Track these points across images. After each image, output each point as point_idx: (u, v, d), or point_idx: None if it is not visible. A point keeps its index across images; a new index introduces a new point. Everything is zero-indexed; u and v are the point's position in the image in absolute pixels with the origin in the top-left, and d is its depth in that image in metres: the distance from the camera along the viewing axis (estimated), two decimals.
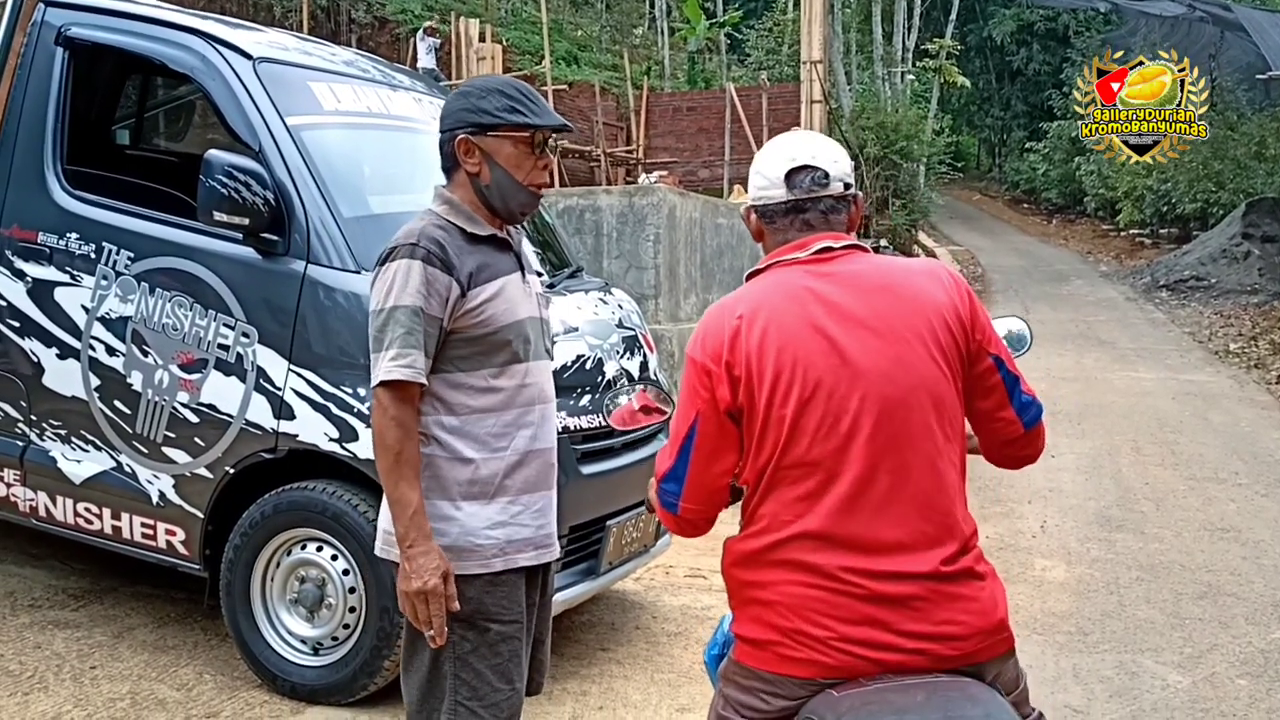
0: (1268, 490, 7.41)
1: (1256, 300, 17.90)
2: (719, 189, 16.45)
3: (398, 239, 2.31)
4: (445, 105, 2.43)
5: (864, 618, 1.85)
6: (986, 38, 35.20)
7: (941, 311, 1.97)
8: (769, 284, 2.03)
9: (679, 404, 2.07)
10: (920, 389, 1.92)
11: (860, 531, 1.87)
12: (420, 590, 2.23)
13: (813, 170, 2.05)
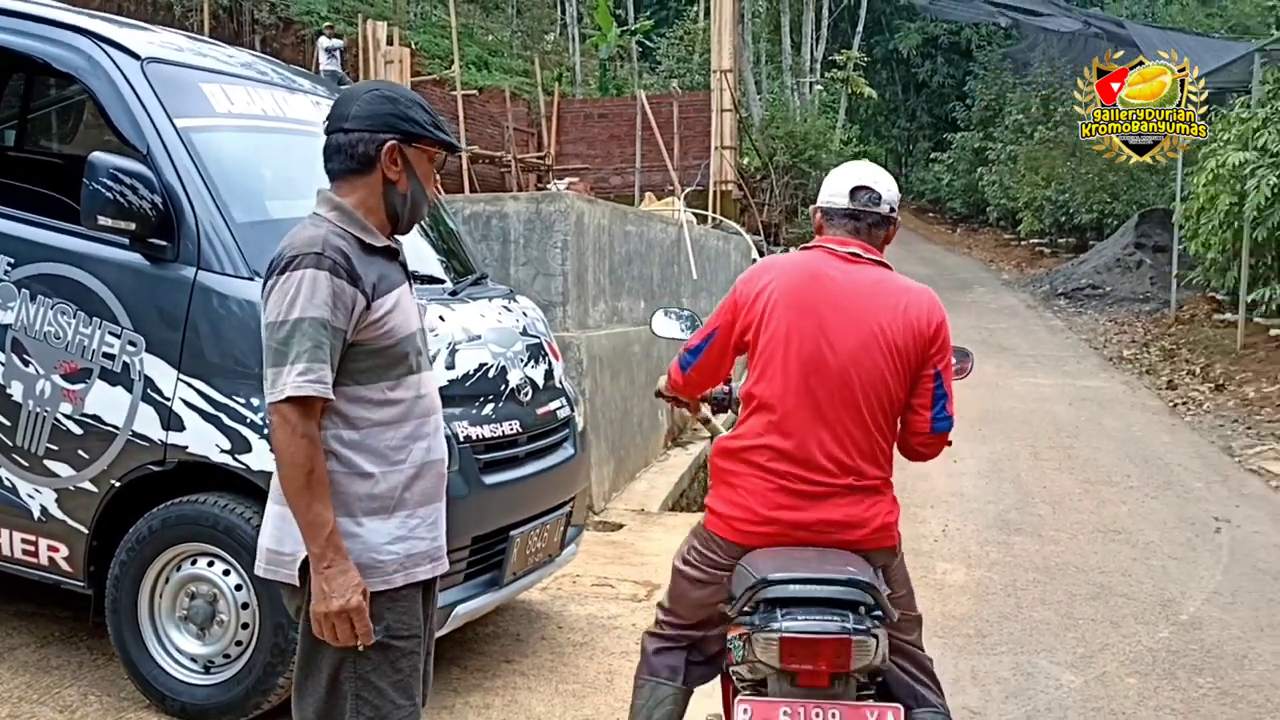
0: (1157, 492, 7.64)
1: (1148, 308, 18.50)
2: (630, 196, 16.46)
3: (297, 247, 2.23)
4: (363, 105, 2.33)
5: (793, 506, 2.68)
6: (893, 50, 35.88)
7: (911, 324, 2.73)
8: (808, 258, 2.83)
9: (716, 311, 2.93)
10: (867, 371, 2.69)
11: (802, 453, 2.68)
12: (343, 609, 2.19)
13: (870, 191, 2.84)
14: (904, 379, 2.73)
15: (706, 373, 3.01)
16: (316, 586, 2.21)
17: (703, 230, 11.46)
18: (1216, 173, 13.08)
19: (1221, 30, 29.31)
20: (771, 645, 2.46)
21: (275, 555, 2.32)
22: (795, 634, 2.44)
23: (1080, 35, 27.91)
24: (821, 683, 2.48)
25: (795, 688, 2.50)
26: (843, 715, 2.44)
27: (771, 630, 2.46)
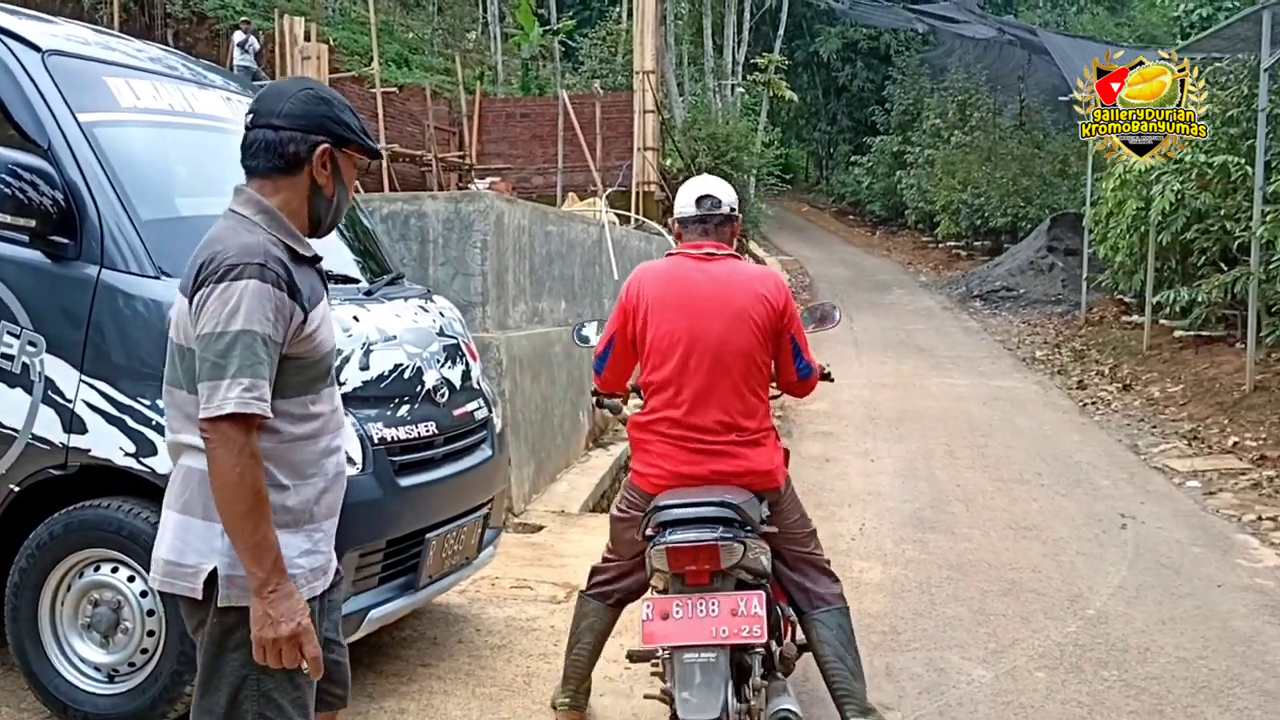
0: (1067, 490, 7.82)
1: (1060, 310, 18.95)
2: (553, 196, 16.39)
3: (235, 255, 2.15)
4: (296, 104, 2.27)
5: (692, 461, 3.44)
6: (813, 54, 36.25)
7: (766, 302, 3.50)
8: (671, 263, 3.61)
9: (610, 318, 3.66)
10: (736, 347, 3.45)
11: (694, 419, 3.44)
12: (293, 634, 2.13)
13: (712, 198, 3.64)
14: (767, 346, 3.52)
15: (619, 371, 3.73)
16: (261, 611, 2.13)
17: (625, 231, 11.47)
18: (1123, 178, 13.46)
19: (1130, 40, 30.14)
20: (662, 555, 3.22)
21: (175, 567, 2.24)
22: (676, 544, 3.21)
23: (995, 42, 28.54)
24: (704, 580, 3.24)
25: (686, 586, 3.25)
26: (719, 602, 3.19)
27: (661, 544, 3.22)
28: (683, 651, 3.16)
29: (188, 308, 2.19)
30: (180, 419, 2.26)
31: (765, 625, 3.20)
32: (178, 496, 2.26)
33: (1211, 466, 8.54)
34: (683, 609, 3.19)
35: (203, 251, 2.21)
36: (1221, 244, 12.39)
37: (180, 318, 2.23)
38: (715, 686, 3.11)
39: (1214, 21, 19.19)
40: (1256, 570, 6.01)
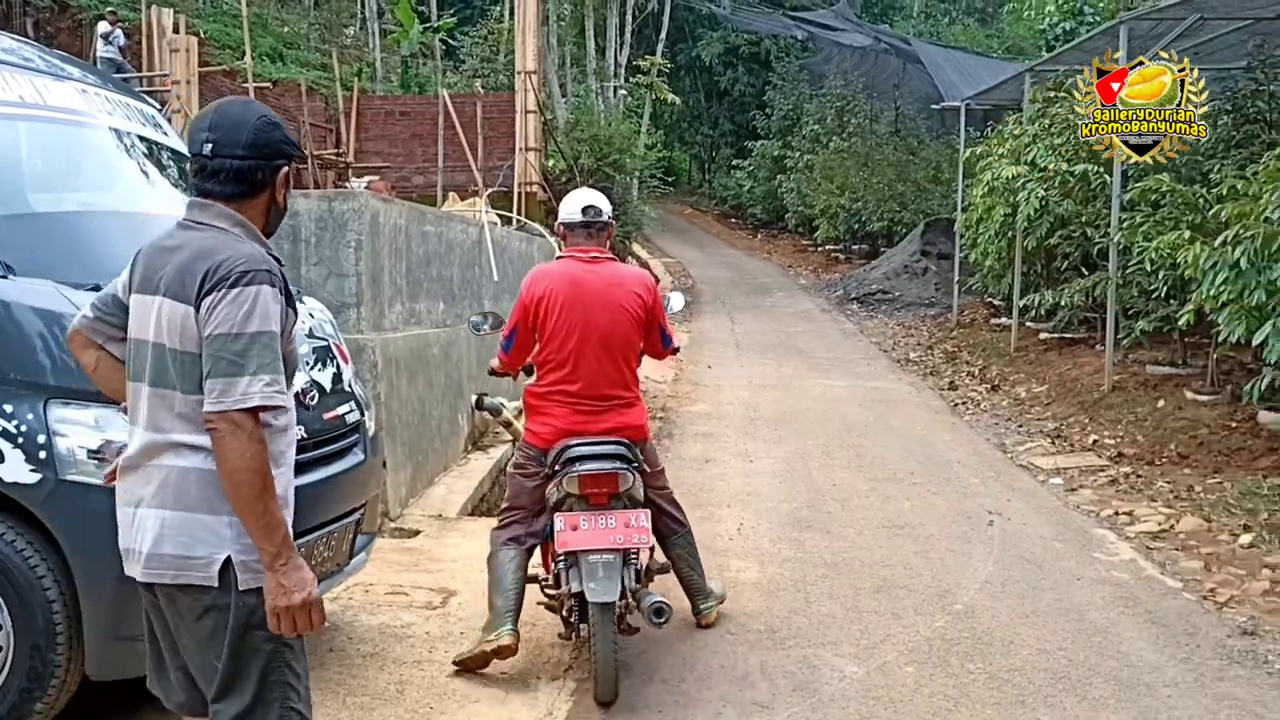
0: (938, 488, 8.02)
1: (933, 312, 19.48)
2: (433, 196, 16.19)
3: (245, 263, 2.39)
4: (256, 134, 2.50)
5: (583, 421, 4.48)
6: (696, 58, 36.55)
7: (641, 298, 4.60)
8: (564, 265, 4.61)
9: (513, 311, 4.63)
10: (619, 334, 4.53)
11: (585, 390, 4.49)
12: (305, 602, 2.37)
13: (595, 208, 4.63)
14: (640, 332, 4.63)
15: (520, 353, 4.71)
16: (275, 584, 2.36)
17: (506, 232, 11.38)
18: (992, 185, 13.89)
19: (999, 51, 31.20)
20: (574, 480, 4.29)
21: (185, 560, 2.43)
22: (588, 472, 4.30)
23: (871, 51, 29.24)
24: (603, 501, 4.33)
25: (590, 506, 4.32)
26: (616, 518, 4.29)
27: (574, 471, 4.30)
28: (589, 554, 4.21)
29: (192, 314, 2.40)
30: (171, 418, 2.45)
31: (650, 534, 4.44)
32: (175, 496, 2.45)
33: (1073, 464, 8.86)
34: (588, 522, 4.25)
35: (200, 261, 2.41)
36: (1083, 249, 12.88)
37: (168, 323, 2.43)
38: (614, 578, 4.18)
39: (1076, 35, 20.00)
40: (1113, 564, 6.25)
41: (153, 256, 2.53)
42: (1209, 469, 8.25)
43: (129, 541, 2.52)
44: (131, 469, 2.52)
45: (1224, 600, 5.60)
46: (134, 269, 2.58)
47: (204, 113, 2.59)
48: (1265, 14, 9.38)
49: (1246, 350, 9.23)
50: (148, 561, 2.46)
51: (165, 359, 2.44)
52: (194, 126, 2.56)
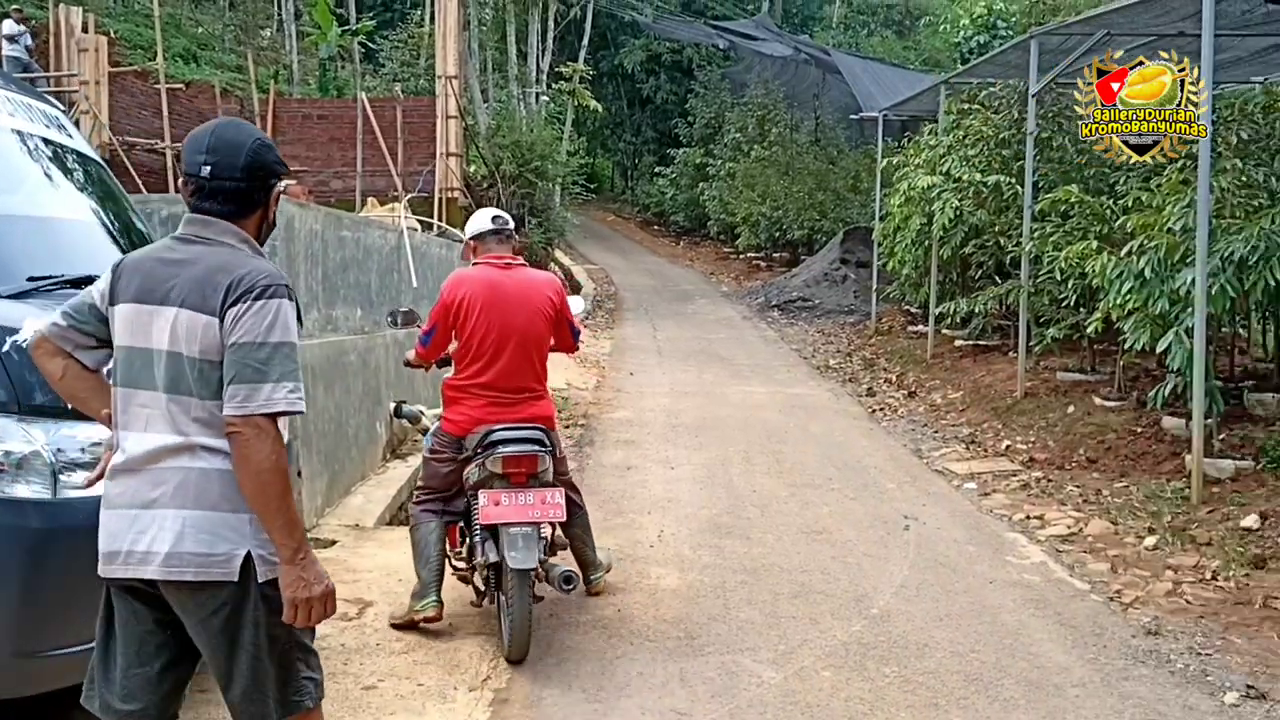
0: (856, 494, 8.12)
1: (852, 319, 19.74)
2: (351, 201, 16.02)
3: (266, 277, 2.57)
4: (252, 158, 2.66)
5: (497, 411, 4.91)
6: (618, 65, 36.61)
7: (550, 298, 5.08)
8: (482, 270, 5.03)
9: (434, 311, 5.04)
10: (533, 332, 5.00)
11: (501, 384, 4.94)
12: (325, 592, 2.59)
13: (501, 218, 5.18)
14: (552, 329, 5.11)
15: (437, 349, 5.18)
16: (294, 576, 2.55)
17: (425, 238, 11.28)
18: (908, 195, 14.12)
19: (916, 63, 31.75)
20: (498, 461, 4.76)
21: (206, 558, 2.57)
22: (510, 454, 4.77)
23: (792, 61, 29.55)
24: (523, 481, 4.78)
25: (510, 485, 4.77)
26: (534, 494, 4.75)
27: (497, 453, 4.77)
28: (509, 526, 4.67)
29: (215, 325, 2.54)
30: (188, 422, 2.58)
31: (564, 510, 4.87)
32: (196, 495, 2.57)
33: (987, 469, 9.04)
34: (509, 499, 4.72)
35: (220, 274, 2.57)
36: (996, 258, 13.16)
37: (186, 333, 2.55)
38: (532, 548, 4.67)
39: (990, 48, 20.43)
40: (1024, 567, 6.39)
41: (153, 268, 2.63)
42: (1116, 473, 8.47)
43: (125, 543, 2.58)
44: (131, 472, 2.60)
45: (1129, 601, 5.76)
46: (120, 280, 2.66)
47: (199, 136, 2.69)
48: (1167, 31, 9.67)
49: (1151, 357, 9.50)
50: (167, 560, 2.56)
51: (182, 366, 2.57)
52: (190, 149, 2.68)
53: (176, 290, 2.57)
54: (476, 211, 5.36)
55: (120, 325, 2.65)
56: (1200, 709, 4.43)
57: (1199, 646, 5.10)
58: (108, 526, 2.62)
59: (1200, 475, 7.38)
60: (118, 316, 2.65)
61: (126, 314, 2.63)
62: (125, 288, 2.64)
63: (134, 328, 2.62)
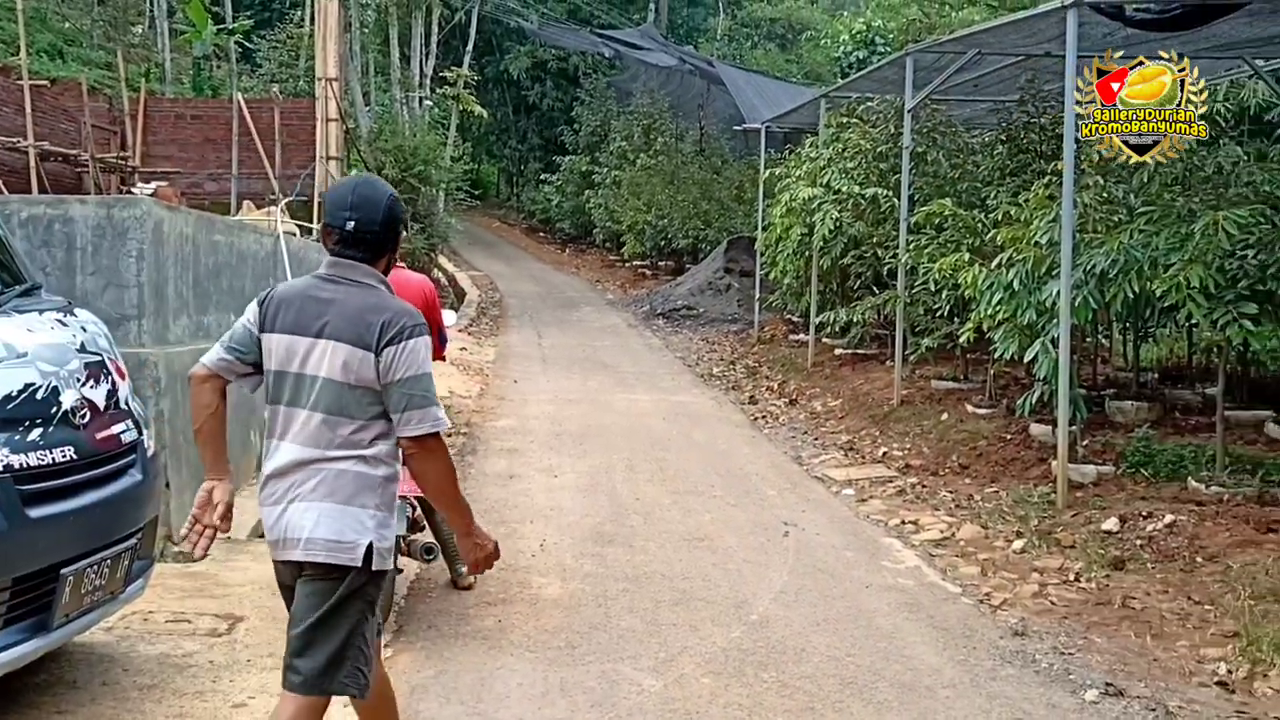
0: (737, 501, 8.20)
1: (735, 328, 19.96)
2: (226, 203, 15.61)
3: (409, 317, 3.08)
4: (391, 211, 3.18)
5: None
6: (503, 71, 36.43)
7: (422, 294, 5.45)
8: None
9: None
10: None
11: None
12: (493, 547, 3.25)
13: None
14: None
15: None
16: (471, 544, 3.23)
17: (304, 242, 11.03)
18: (790, 206, 14.35)
19: (798, 76, 32.32)
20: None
21: (336, 544, 3.03)
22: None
23: (677, 71, 29.79)
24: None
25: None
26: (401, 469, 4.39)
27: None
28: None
29: (371, 358, 3.01)
30: (337, 436, 3.05)
31: None
32: (330, 492, 3.04)
33: (864, 475, 9.23)
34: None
35: (371, 315, 3.05)
36: (874, 269, 13.48)
37: (342, 362, 3.03)
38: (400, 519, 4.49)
39: (869, 64, 20.91)
40: (899, 571, 6.53)
41: (304, 304, 3.11)
42: (987, 479, 8.73)
43: (278, 533, 3.07)
44: (282, 475, 3.08)
45: (998, 603, 5.94)
46: (271, 311, 3.14)
47: (343, 194, 3.20)
48: (1035, 51, 10.02)
49: (1020, 366, 9.83)
50: (307, 545, 3.03)
51: (339, 392, 3.04)
52: (334, 204, 3.18)
53: (330, 326, 3.05)
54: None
55: (274, 352, 3.12)
56: (1063, 706, 4.59)
57: (1062, 646, 5.29)
58: (267, 521, 3.11)
59: (1065, 480, 7.66)
60: (271, 344, 3.12)
61: (281, 343, 3.11)
62: (278, 319, 3.12)
63: (286, 354, 3.10)
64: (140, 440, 4.35)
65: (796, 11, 39.19)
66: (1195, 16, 7.64)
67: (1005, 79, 11.61)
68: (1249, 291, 7.22)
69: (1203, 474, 7.67)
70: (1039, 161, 10.83)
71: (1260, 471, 7.56)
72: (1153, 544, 6.66)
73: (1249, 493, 7.24)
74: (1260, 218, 7.22)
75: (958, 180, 12.41)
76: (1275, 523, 6.67)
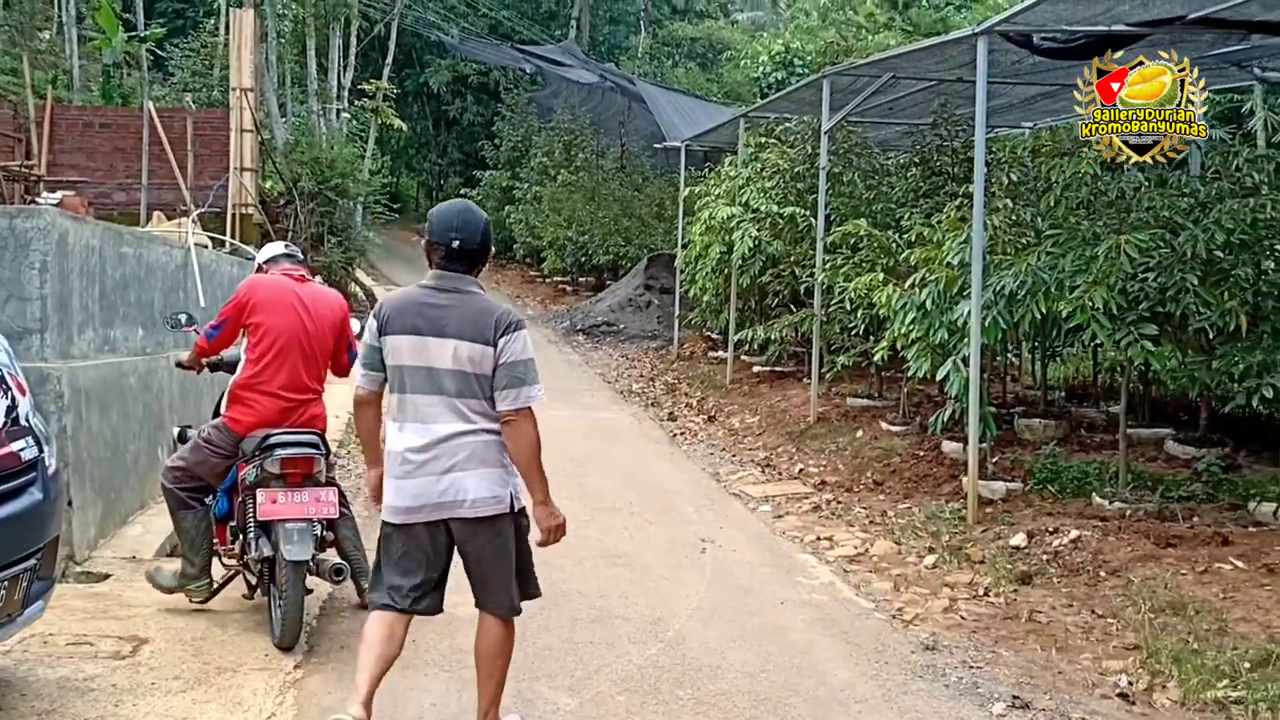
0: (655, 518, 8.22)
1: (655, 345, 20.02)
2: (136, 214, 15.24)
3: (513, 315, 3.91)
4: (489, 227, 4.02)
5: (280, 412, 5.29)
6: (423, 85, 36.17)
7: (338, 314, 5.55)
8: (278, 278, 5.48)
9: (227, 306, 5.45)
10: (320, 340, 5.42)
11: (288, 385, 5.32)
12: (563, 520, 4.01)
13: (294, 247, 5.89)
14: (335, 342, 5.49)
15: (221, 343, 5.56)
16: (546, 513, 3.97)
17: (215, 255, 10.82)
18: (709, 224, 14.47)
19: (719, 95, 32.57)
20: (276, 462, 5.08)
21: (494, 499, 3.88)
22: (288, 456, 5.11)
23: (598, 88, 29.86)
24: (298, 481, 5.13)
25: (287, 484, 5.10)
26: (310, 493, 5.11)
27: (276, 455, 5.10)
28: (285, 522, 5.02)
29: (491, 351, 3.81)
30: (470, 414, 3.85)
31: (337, 508, 5.24)
32: (480, 460, 3.86)
33: (781, 491, 9.32)
34: (286, 497, 5.07)
35: (485, 315, 3.87)
36: (792, 287, 13.62)
37: (468, 356, 3.82)
38: (307, 542, 5.02)
39: (788, 84, 21.19)
40: (813, 587, 6.60)
41: (424, 310, 3.89)
42: (900, 495, 8.87)
43: (434, 497, 3.86)
44: (426, 450, 3.85)
45: (910, 618, 6.03)
46: (386, 316, 3.94)
47: (448, 215, 3.97)
48: (947, 77, 10.26)
49: (933, 384, 10.01)
50: (474, 504, 3.86)
51: (466, 380, 3.83)
52: (441, 225, 3.92)
53: (452, 327, 3.83)
54: (269, 244, 5.96)
55: (398, 350, 3.89)
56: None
57: (971, 660, 5.39)
58: (410, 489, 3.86)
59: (975, 496, 7.82)
60: (393, 345, 3.91)
61: (405, 342, 3.88)
62: (396, 323, 3.91)
63: (415, 352, 3.87)
64: (41, 458, 4.22)
65: (717, 31, 39.49)
66: (1098, 46, 7.87)
67: (919, 102, 11.87)
68: (1149, 313, 7.46)
69: (1106, 490, 7.89)
70: (951, 184, 11.06)
71: (1160, 488, 7.81)
72: (1058, 559, 6.82)
73: (1149, 509, 7.46)
74: (1160, 242, 7.46)
75: (873, 201, 12.62)
76: (1174, 538, 6.88)
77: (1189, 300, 7.30)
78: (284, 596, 4.98)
